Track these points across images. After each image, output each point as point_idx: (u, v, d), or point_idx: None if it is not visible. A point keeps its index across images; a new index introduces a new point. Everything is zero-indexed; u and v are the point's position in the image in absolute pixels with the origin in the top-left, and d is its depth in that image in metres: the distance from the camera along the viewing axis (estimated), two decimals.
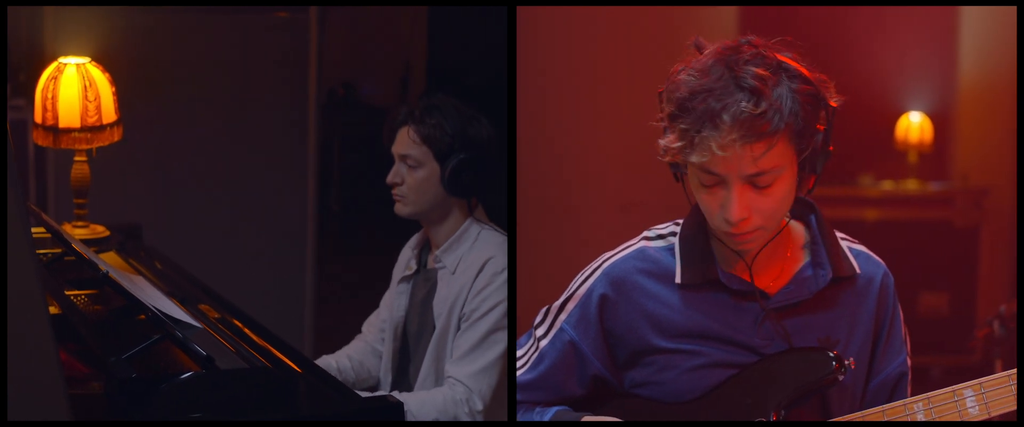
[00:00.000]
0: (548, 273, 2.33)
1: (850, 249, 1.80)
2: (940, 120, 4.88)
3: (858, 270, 1.77)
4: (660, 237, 1.80)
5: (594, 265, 1.80)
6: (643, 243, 1.80)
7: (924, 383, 1.70)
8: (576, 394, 1.81)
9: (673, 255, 1.76)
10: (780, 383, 1.70)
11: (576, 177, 4.31)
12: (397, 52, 7.13)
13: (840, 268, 1.75)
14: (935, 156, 4.90)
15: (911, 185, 4.82)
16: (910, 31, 4.79)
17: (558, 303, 1.82)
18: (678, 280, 1.74)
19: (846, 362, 1.70)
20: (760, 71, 1.57)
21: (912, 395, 1.75)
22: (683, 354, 1.74)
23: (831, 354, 1.70)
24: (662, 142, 1.63)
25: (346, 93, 7.06)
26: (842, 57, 4.69)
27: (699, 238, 1.75)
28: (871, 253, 1.82)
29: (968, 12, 4.75)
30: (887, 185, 4.80)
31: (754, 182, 1.61)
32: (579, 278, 1.81)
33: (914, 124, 4.88)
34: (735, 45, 1.62)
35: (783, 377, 1.70)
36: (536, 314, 1.87)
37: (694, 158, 1.59)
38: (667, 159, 1.63)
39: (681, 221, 1.80)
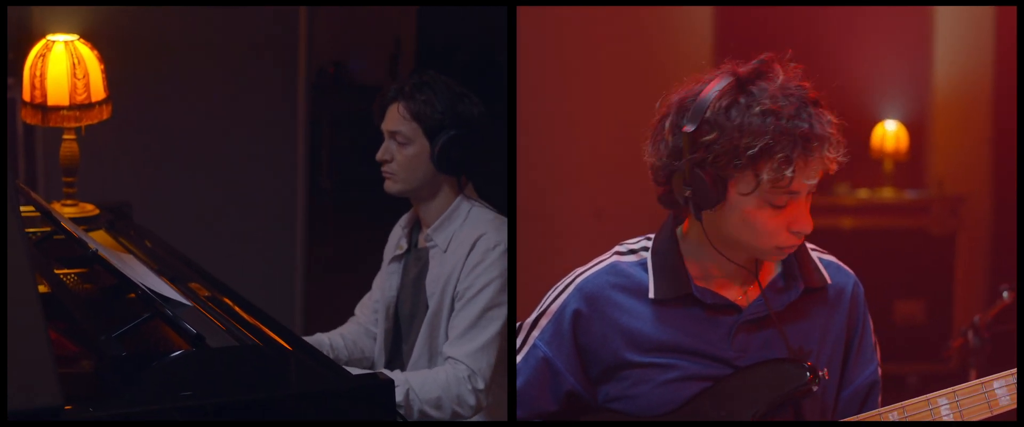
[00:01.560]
0: (522, 279, 2.31)
1: (820, 259, 1.81)
2: (915, 128, 4.92)
3: (829, 280, 1.79)
4: (632, 252, 1.80)
5: (566, 281, 1.80)
6: (615, 258, 1.80)
7: (901, 391, 1.71)
8: (550, 410, 1.81)
9: (645, 270, 1.77)
10: (754, 395, 1.72)
11: (551, 182, 4.30)
12: (387, 30, 7.14)
13: (811, 279, 1.76)
14: (910, 164, 4.94)
15: (887, 193, 4.86)
16: (885, 39, 4.82)
17: (531, 319, 1.82)
18: (652, 295, 1.75)
19: (821, 373, 1.71)
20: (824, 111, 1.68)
21: (883, 404, 1.77)
22: (657, 368, 1.74)
23: (805, 365, 1.71)
24: (738, 179, 1.65)
25: (336, 72, 7.07)
26: (817, 66, 4.69)
27: (672, 253, 1.76)
28: (841, 263, 1.83)
29: (943, 19, 4.79)
30: (863, 194, 4.83)
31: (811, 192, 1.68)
32: (551, 294, 1.81)
33: (889, 133, 4.91)
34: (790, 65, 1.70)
35: (757, 389, 1.72)
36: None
37: (790, 184, 1.62)
38: (746, 193, 1.65)
39: (652, 236, 1.81)
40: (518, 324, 1.85)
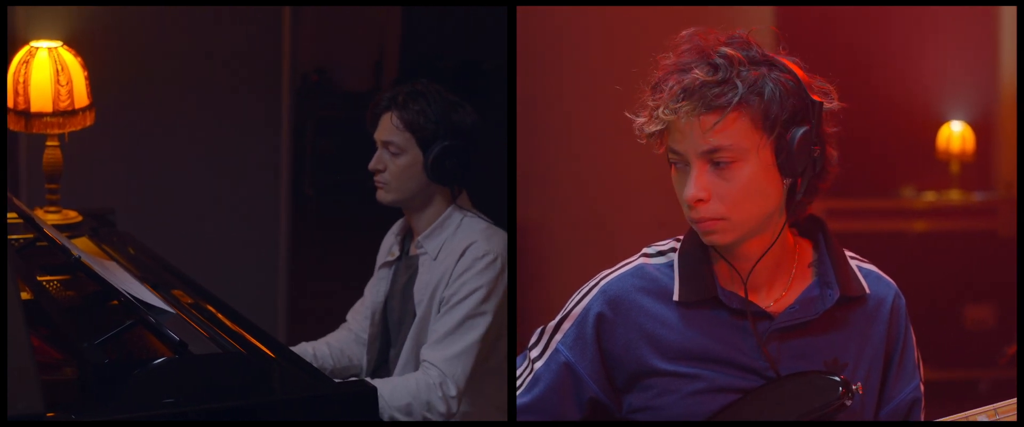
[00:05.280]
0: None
1: (859, 268, 1.85)
2: (981, 129, 5.06)
3: (868, 290, 1.83)
4: (660, 254, 1.87)
5: (591, 283, 1.87)
6: (642, 260, 1.87)
7: (972, 398, 1.72)
8: (573, 419, 1.86)
9: (673, 272, 1.83)
10: (785, 409, 1.76)
11: (608, 194, 4.42)
12: (371, 36, 7.40)
13: (849, 287, 1.80)
14: (977, 165, 5.07)
15: (954, 196, 5.00)
16: (949, 40, 4.95)
17: (553, 323, 1.89)
18: (676, 297, 1.81)
19: (854, 387, 1.74)
20: (730, 51, 1.72)
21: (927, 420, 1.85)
22: (683, 378, 1.79)
23: (837, 379, 1.74)
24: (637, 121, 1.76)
25: (319, 79, 7.36)
26: (882, 68, 4.88)
27: (699, 254, 1.81)
28: (882, 273, 1.88)
29: (1008, 18, 4.92)
30: (930, 196, 4.98)
31: (712, 159, 1.70)
32: (575, 297, 1.88)
33: (955, 134, 5.06)
34: (725, 34, 1.77)
35: (788, 403, 1.76)
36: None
37: (649, 128, 1.73)
38: (642, 140, 1.76)
39: (681, 237, 1.87)
40: (540, 329, 1.91)
